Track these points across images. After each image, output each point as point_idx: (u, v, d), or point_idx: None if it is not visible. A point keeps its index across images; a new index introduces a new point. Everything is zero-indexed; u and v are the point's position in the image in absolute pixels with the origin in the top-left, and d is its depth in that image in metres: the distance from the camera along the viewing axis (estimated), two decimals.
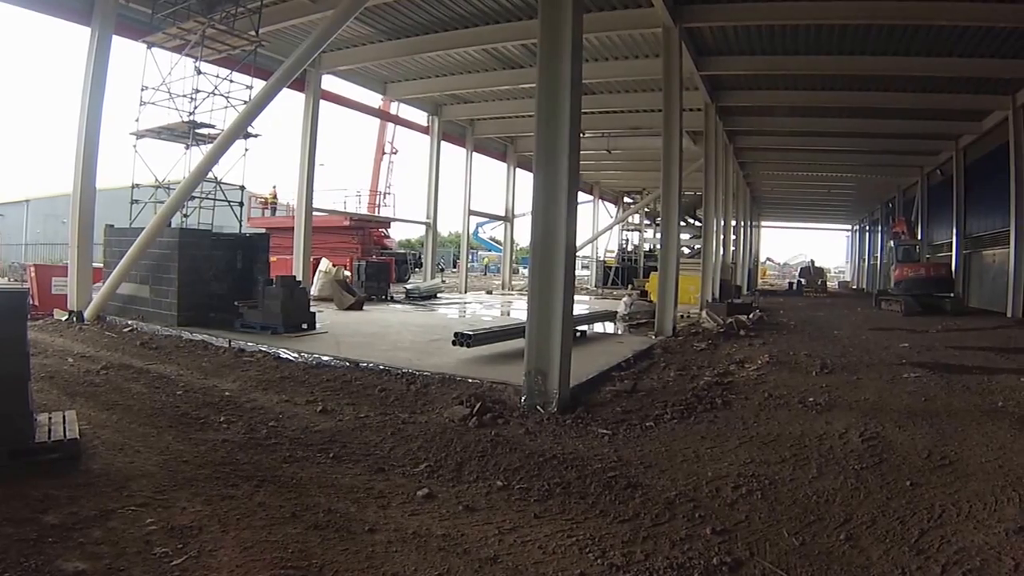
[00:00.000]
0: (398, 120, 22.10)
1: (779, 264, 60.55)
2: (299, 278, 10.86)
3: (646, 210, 30.05)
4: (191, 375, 5.97)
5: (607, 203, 33.77)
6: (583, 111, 5.63)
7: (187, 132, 9.79)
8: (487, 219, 28.06)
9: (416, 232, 44.43)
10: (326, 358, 6.67)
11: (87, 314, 9.01)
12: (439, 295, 17.46)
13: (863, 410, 5.25)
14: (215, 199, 9.98)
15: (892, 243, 19.77)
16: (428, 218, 19.37)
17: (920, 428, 4.69)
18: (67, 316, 9.23)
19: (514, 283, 23.85)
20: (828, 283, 32.21)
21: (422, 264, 23.89)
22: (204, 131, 9.86)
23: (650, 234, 31.24)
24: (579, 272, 24.89)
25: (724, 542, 2.77)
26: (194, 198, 9.49)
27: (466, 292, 20.46)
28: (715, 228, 18.10)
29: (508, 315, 13.37)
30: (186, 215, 9.44)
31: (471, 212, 21.57)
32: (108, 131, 9.56)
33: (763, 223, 43.69)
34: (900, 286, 17.16)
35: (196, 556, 2.46)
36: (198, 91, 9.66)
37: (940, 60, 11.93)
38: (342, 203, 24.73)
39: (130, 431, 4.08)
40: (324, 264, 14.23)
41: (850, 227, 46.24)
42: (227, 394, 5.24)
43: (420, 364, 6.35)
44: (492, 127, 20.30)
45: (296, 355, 6.84)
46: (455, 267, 34.07)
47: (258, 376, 6.00)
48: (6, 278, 19.69)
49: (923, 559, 2.65)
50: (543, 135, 5.12)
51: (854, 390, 6.07)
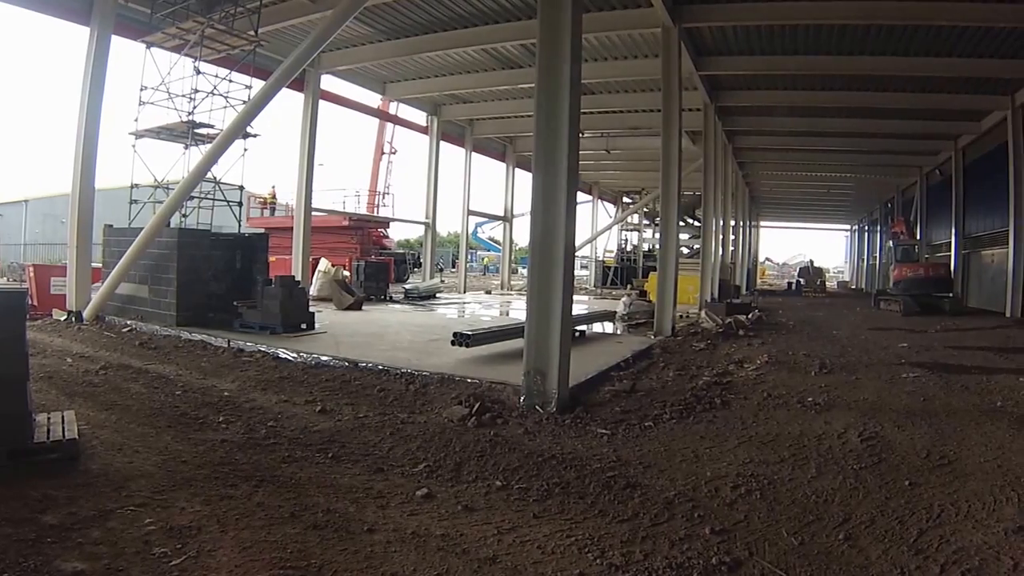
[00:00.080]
0: (397, 120, 22.07)
1: (778, 264, 60.67)
2: (298, 278, 10.87)
3: (645, 210, 30.05)
4: (190, 375, 5.96)
5: (606, 203, 33.82)
6: (582, 111, 5.63)
7: (186, 132, 9.79)
8: (486, 219, 28.08)
9: (415, 232, 44.52)
10: (325, 358, 6.66)
11: (86, 314, 9.00)
12: (438, 295, 17.45)
13: (862, 410, 5.26)
14: (214, 199, 9.98)
15: (891, 243, 19.79)
16: (427, 218, 19.37)
17: (919, 428, 4.70)
18: (66, 316, 9.22)
19: (513, 283, 23.86)
20: (827, 283, 32.21)
21: (421, 264, 23.92)
22: (203, 131, 9.86)
23: (649, 234, 31.23)
24: (578, 272, 25.05)
25: (723, 542, 2.77)
26: (193, 198, 9.49)
27: (465, 292, 20.46)
28: (714, 228, 18.10)
29: (507, 315, 13.36)
30: (185, 215, 9.43)
31: (470, 212, 21.58)
32: (107, 131, 9.58)
33: (762, 223, 43.74)
34: (899, 286, 17.19)
35: (195, 556, 2.46)
36: (197, 91, 9.67)
37: (939, 60, 11.95)
38: (341, 203, 24.73)
39: (129, 431, 4.07)
40: (323, 264, 14.22)
41: (849, 227, 46.30)
42: (226, 394, 5.24)
43: (419, 364, 6.35)
44: (491, 127, 20.30)
45: (295, 355, 6.84)
46: (454, 267, 34.08)
47: (257, 376, 5.99)
48: (5, 278, 19.67)
49: (922, 559, 2.65)
50: (542, 135, 5.12)
51: (853, 390, 6.08)
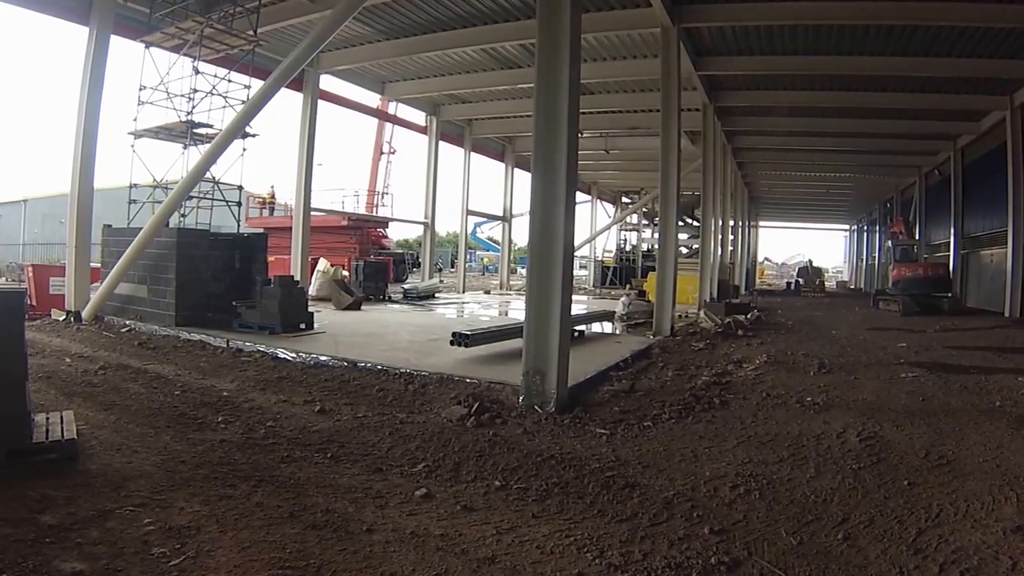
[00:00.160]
0: (396, 120, 22.06)
1: (777, 264, 60.75)
2: (297, 278, 10.87)
3: (644, 210, 30.05)
4: (189, 375, 5.95)
5: (605, 203, 33.83)
6: (581, 111, 5.63)
7: (185, 132, 9.78)
8: (485, 219, 28.10)
9: (414, 232, 44.53)
10: (324, 358, 6.66)
11: (85, 314, 8.99)
12: (437, 295, 17.45)
13: (861, 410, 5.26)
14: (213, 199, 9.97)
15: (890, 243, 19.82)
16: (426, 218, 19.37)
17: (918, 428, 4.70)
18: (65, 316, 9.20)
19: (512, 283, 23.86)
20: (826, 283, 32.25)
21: (420, 264, 23.90)
22: (202, 131, 9.85)
23: (648, 234, 31.24)
24: (577, 272, 25.01)
25: (722, 542, 2.77)
26: (192, 198, 9.48)
27: (464, 292, 20.46)
28: (713, 228, 18.10)
29: (506, 315, 13.36)
30: (184, 215, 9.43)
31: (469, 212, 21.59)
32: (106, 131, 9.55)
33: (761, 223, 43.78)
34: (898, 286, 17.21)
35: (194, 556, 2.45)
36: (196, 91, 9.66)
37: (938, 60, 11.97)
38: (340, 203, 24.72)
39: (128, 431, 4.06)
40: (322, 264, 14.22)
41: (848, 227, 46.31)
42: (225, 394, 5.23)
43: (418, 364, 6.35)
44: (490, 127, 20.30)
45: (294, 355, 6.83)
46: (453, 267, 34.10)
47: (256, 376, 5.99)
48: (4, 278, 19.66)
49: (921, 558, 2.65)
50: (541, 135, 5.12)
51: (852, 390, 6.08)
